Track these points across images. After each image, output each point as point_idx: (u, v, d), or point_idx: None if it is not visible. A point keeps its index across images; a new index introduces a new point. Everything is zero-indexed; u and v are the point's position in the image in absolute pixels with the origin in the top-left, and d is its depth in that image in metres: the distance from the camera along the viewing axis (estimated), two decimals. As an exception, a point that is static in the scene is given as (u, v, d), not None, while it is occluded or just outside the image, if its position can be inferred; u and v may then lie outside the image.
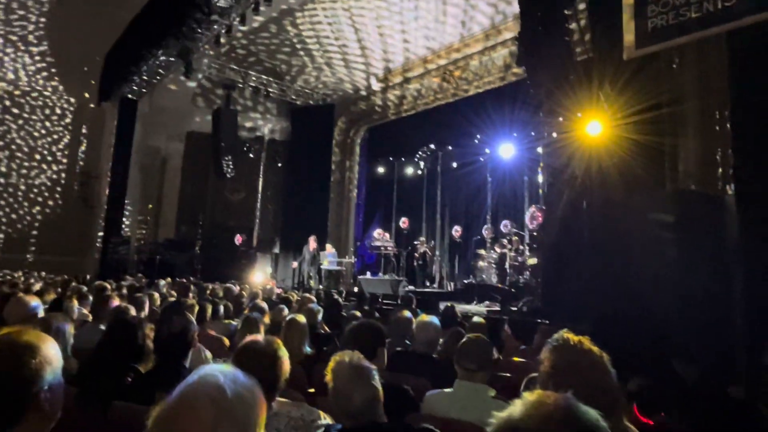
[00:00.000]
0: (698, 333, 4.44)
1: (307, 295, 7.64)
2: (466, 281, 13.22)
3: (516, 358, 4.34)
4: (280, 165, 16.44)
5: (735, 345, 4.53)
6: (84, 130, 16.03)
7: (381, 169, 18.06)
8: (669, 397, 2.86)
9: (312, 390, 3.55)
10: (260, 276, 14.38)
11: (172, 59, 12.76)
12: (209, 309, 4.88)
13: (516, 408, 0.89)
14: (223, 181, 16.04)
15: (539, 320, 7.27)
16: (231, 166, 14.94)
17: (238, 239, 15.73)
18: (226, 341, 4.34)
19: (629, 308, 5.22)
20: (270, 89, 15.49)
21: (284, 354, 2.11)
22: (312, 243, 13.32)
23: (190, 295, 7.29)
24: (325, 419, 2.06)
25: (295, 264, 14.19)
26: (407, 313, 4.33)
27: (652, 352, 4.41)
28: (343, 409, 1.83)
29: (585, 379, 1.50)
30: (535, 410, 0.86)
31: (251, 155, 16.19)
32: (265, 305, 5.29)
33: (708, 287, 4.78)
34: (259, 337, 2.25)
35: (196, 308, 4.74)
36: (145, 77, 14.12)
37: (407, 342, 4.18)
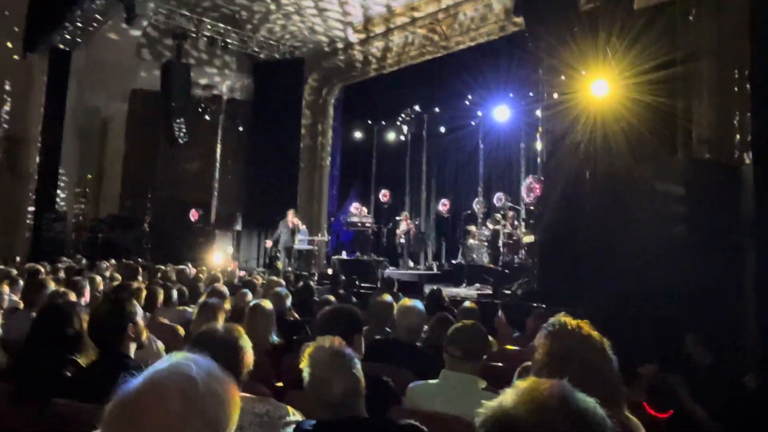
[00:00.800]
0: (708, 317, 4.60)
1: (274, 278, 7.65)
2: (454, 262, 13.39)
3: (509, 347, 4.45)
4: (241, 129, 16.22)
5: (747, 331, 4.70)
6: (7, 87, 15.47)
7: (358, 135, 17.97)
8: (681, 386, 2.98)
9: (280, 384, 3.59)
10: (220, 257, 14.31)
11: (111, 2, 12.37)
12: (160, 294, 4.86)
13: (506, 396, 0.91)
14: (176, 148, 15.75)
15: (535, 304, 7.42)
16: (184, 131, 14.68)
17: (194, 215, 15.58)
18: (181, 330, 4.34)
19: (634, 290, 5.37)
20: (228, 40, 15.13)
21: (246, 343, 2.13)
22: (291, 217, 13.21)
23: (139, 278, 7.23)
24: (295, 415, 2.08)
25: (269, 242, 14.13)
26: (388, 298, 4.38)
27: (658, 338, 4.57)
28: (320, 400, 1.85)
29: (583, 366, 1.55)
30: (528, 398, 0.89)
31: (207, 117, 15.91)
32: (225, 290, 5.30)
33: (720, 268, 4.93)
34: (219, 325, 2.27)
35: (145, 293, 4.72)
36: (79, 24, 13.65)
37: (387, 329, 4.24)
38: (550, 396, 0.89)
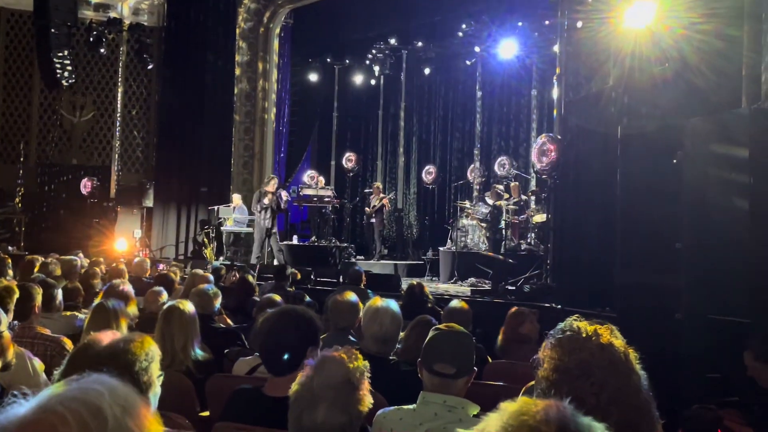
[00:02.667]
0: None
1: (199, 271, 7.62)
2: (442, 248, 13.47)
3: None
4: (151, 67, 15.91)
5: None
6: None
7: (314, 77, 17.83)
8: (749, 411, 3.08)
9: (205, 413, 3.61)
10: (123, 243, 14.17)
11: None
12: (39, 295, 4.78)
13: (491, 422, 0.94)
14: (58, 93, 15.43)
15: (547, 304, 7.54)
16: (69, 68, 14.33)
17: (86, 186, 15.33)
18: (68, 343, 4.30)
19: (681, 287, 5.50)
20: (131, -58, 14.78)
21: (153, 360, 2.13)
22: (271, 187, 13.06)
23: (7, 273, 7.13)
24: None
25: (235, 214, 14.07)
26: (352, 296, 4.40)
27: (714, 351, 4.70)
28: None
29: (601, 386, 1.58)
30: (515, 425, 0.91)
31: (102, 50, 15.55)
32: (130, 288, 5.25)
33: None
34: (117, 335, 2.25)
35: (16, 294, 4.64)
36: None
37: (351, 338, 4.27)
38: (544, 422, 0.92)
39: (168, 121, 15.75)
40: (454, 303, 5.03)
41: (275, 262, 12.74)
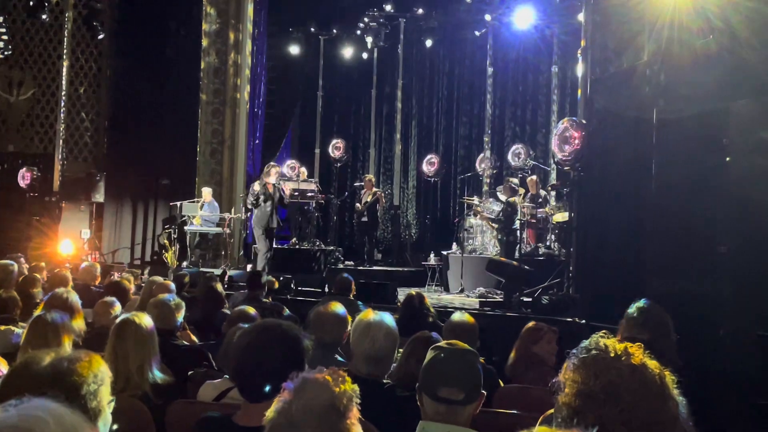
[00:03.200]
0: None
1: (158, 278, 7.60)
2: (445, 252, 13.46)
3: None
4: (102, 37, 15.87)
5: None
6: None
7: (295, 50, 17.76)
8: None
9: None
10: (69, 245, 14.12)
11: None
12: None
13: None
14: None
15: (570, 318, 7.55)
16: (5, 38, 14.29)
17: (25, 177, 15.27)
18: (3, 363, 4.29)
19: (728, 298, 5.50)
20: None
21: (103, 382, 2.11)
22: (271, 177, 12.90)
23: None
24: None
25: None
26: (338, 307, 4.39)
27: None
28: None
29: (631, 412, 1.58)
30: None
31: (44, 17, 15.50)
32: (76, 298, 5.23)
33: None
34: (60, 353, 2.23)
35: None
36: None
37: (339, 357, 4.26)
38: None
39: (122, 101, 15.69)
40: (457, 316, 5.02)
41: (249, 267, 12.70)
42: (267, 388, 2.69)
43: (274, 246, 14.05)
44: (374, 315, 3.78)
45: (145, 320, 4.00)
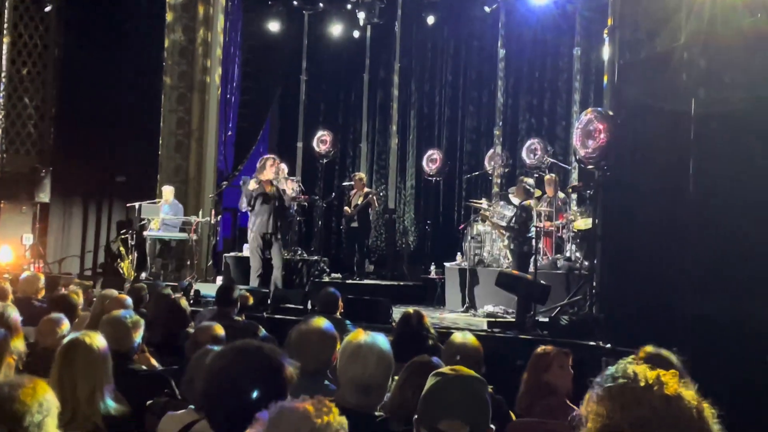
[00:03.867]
0: None
1: (112, 292, 7.58)
2: (448, 264, 13.46)
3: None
4: (49, 9, 15.87)
5: None
6: None
7: (275, 26, 17.73)
8: None
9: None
10: (7, 252, 14.09)
11: None
12: None
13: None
14: None
15: (594, 342, 7.55)
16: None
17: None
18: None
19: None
20: None
21: (48, 412, 2.11)
22: (269, 169, 12.68)
23: None
24: None
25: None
26: (325, 325, 4.38)
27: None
28: None
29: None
30: None
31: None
32: (16, 314, 5.22)
33: None
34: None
35: None
36: None
37: (328, 384, 4.26)
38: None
39: (71, 84, 15.66)
40: (459, 337, 5.03)
41: (220, 279, 12.67)
42: (241, 412, 2.66)
43: (248, 255, 14.00)
44: (365, 336, 3.76)
45: (97, 340, 3.99)
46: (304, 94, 18.32)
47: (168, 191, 14.40)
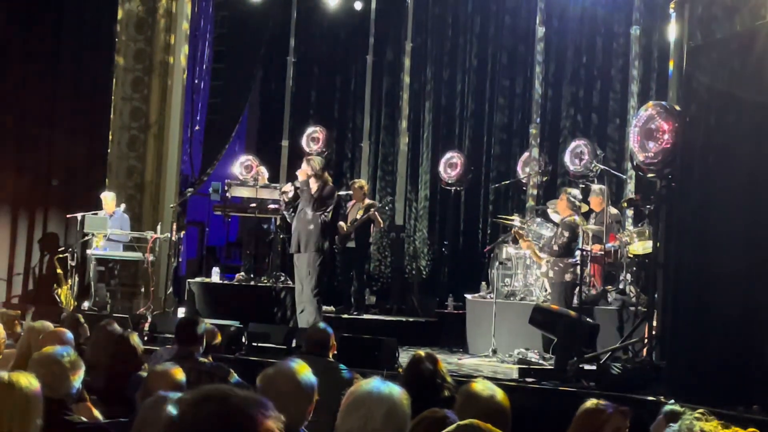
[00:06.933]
0: None
1: (46, 324, 7.60)
2: (470, 296, 13.48)
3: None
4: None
5: None
6: None
7: (255, -3, 17.85)
8: None
9: None
10: None
11: None
12: None
13: None
14: None
15: (653, 397, 7.56)
16: None
17: None
18: None
19: None
20: None
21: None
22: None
23: None
24: None
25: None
26: (300, 370, 4.37)
27: None
28: None
29: None
30: None
31: None
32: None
33: None
34: None
35: None
36: None
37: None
38: None
39: (7, 66, 15.70)
40: (480, 386, 4.96)
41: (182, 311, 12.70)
42: None
43: (218, 281, 14.01)
44: (367, 385, 3.76)
45: (27, 383, 3.99)
46: (292, 79, 18.29)
47: (109, 198, 14.40)
